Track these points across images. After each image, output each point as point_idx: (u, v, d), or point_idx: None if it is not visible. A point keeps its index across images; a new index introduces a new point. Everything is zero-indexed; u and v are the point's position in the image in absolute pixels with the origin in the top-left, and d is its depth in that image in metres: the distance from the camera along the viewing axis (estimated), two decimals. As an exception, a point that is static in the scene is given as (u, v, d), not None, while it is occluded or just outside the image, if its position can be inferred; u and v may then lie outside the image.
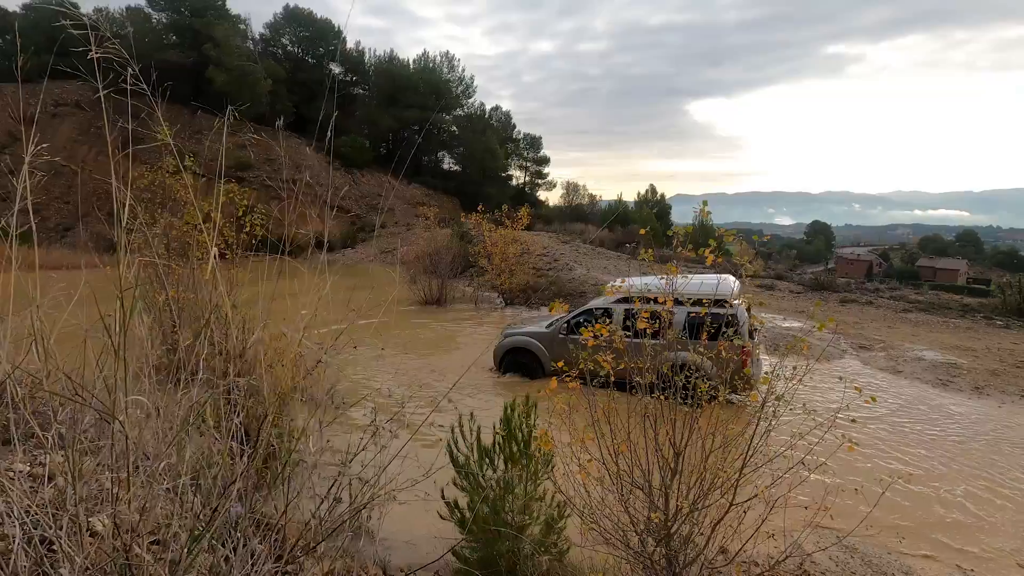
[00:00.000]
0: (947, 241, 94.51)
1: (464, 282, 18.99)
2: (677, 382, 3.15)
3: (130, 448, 1.71)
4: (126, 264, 1.77)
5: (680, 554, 3.29)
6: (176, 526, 1.77)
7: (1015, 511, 5.61)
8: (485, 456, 3.97)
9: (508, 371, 9.82)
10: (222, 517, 1.90)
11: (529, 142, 49.02)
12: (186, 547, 1.72)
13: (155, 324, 5.19)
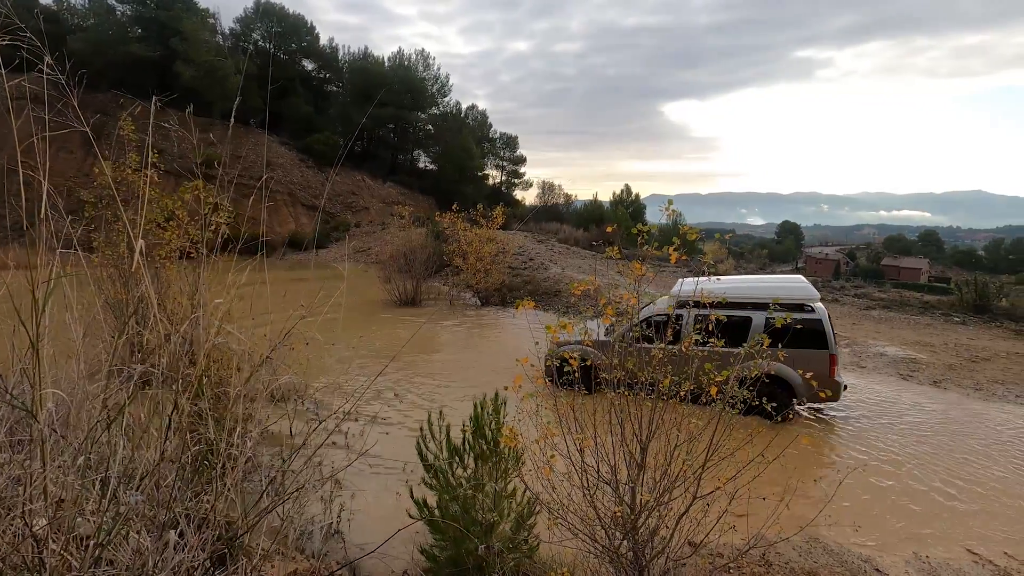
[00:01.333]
0: (910, 241, 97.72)
1: (439, 282, 18.91)
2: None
3: (46, 440, 1.68)
4: (41, 258, 1.74)
5: (646, 547, 3.35)
6: (81, 519, 1.74)
7: (968, 499, 5.84)
8: (455, 454, 3.97)
9: (566, 384, 9.07)
10: (124, 508, 1.86)
11: (505, 141, 49.09)
12: (95, 538, 1.70)
13: (107, 319, 5.05)
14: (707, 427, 3.07)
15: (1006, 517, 5.50)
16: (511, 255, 18.82)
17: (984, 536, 5.15)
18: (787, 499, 3.43)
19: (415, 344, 11.91)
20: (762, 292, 8.10)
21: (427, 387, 8.91)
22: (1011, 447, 7.03)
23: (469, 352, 11.26)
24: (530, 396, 2.88)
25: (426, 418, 3.91)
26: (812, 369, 7.66)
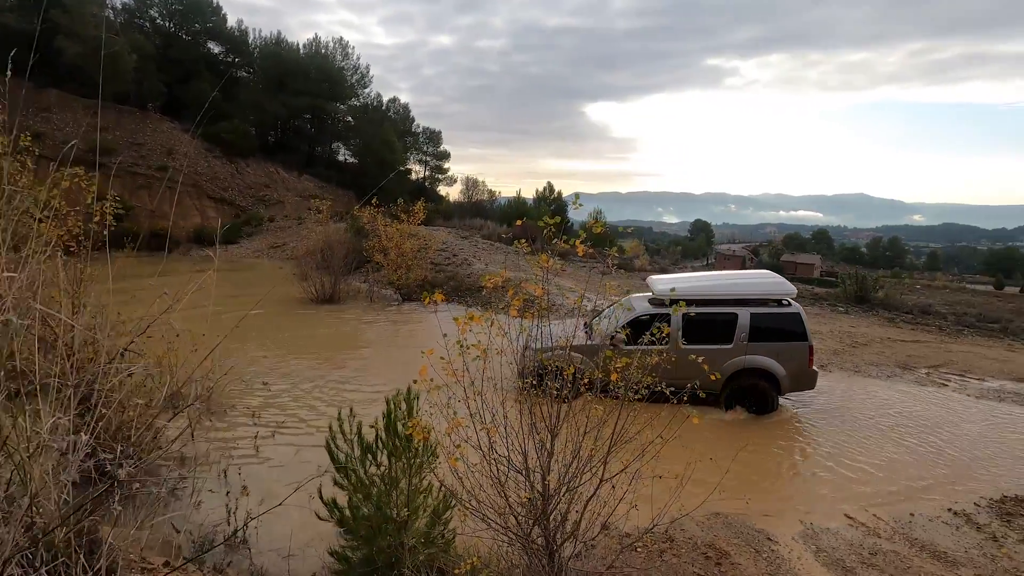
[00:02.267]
0: (805, 239, 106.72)
1: (359, 278, 18.39)
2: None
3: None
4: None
5: (557, 532, 3.45)
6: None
7: (846, 469, 6.50)
8: (368, 452, 3.89)
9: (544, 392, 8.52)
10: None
11: (428, 136, 48.41)
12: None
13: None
14: (610, 414, 3.21)
15: (879, 482, 6.18)
16: (434, 251, 18.62)
17: (860, 501, 5.76)
18: (687, 477, 3.66)
19: (332, 342, 11.52)
20: (743, 289, 8.32)
21: (343, 385, 8.65)
22: (886, 420, 7.89)
23: (388, 349, 11.06)
24: (438, 388, 2.87)
25: (336, 416, 3.80)
26: (793, 360, 7.99)
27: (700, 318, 7.86)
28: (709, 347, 7.85)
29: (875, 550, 4.72)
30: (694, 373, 8.24)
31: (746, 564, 4.38)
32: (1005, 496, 5.89)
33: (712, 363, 8.03)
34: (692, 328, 7.83)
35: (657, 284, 8.58)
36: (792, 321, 8.04)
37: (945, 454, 6.91)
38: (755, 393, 7.98)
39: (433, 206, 34.95)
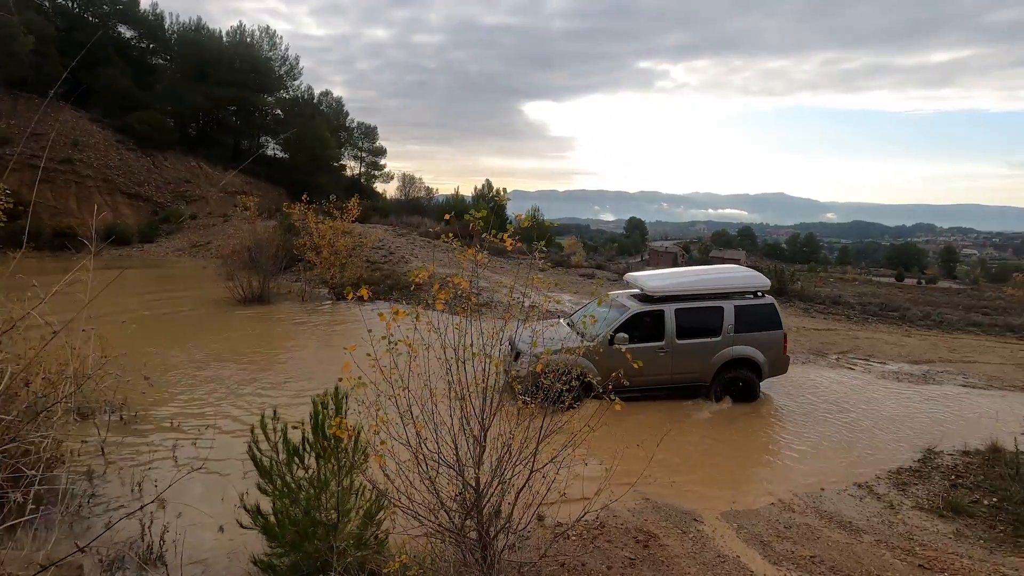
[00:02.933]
0: (732, 236, 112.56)
1: (291, 278, 17.72)
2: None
3: None
4: None
5: (491, 526, 3.47)
6: None
7: (767, 449, 6.92)
8: (294, 455, 3.76)
9: (550, 402, 8.03)
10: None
11: (364, 131, 47.26)
12: None
13: None
14: (536, 406, 3.25)
15: (797, 460, 6.62)
16: (369, 249, 18.21)
17: (778, 479, 6.14)
18: (614, 466, 3.77)
19: (260, 343, 11.03)
20: (726, 283, 8.58)
21: (269, 388, 8.31)
22: (801, 401, 8.45)
23: (320, 349, 10.72)
24: (364, 386, 2.81)
25: (259, 419, 3.64)
26: (772, 349, 8.40)
27: (691, 313, 8.16)
28: (701, 341, 8.17)
29: (789, 524, 5.06)
30: (689, 367, 8.26)
31: (674, 545, 4.57)
32: (901, 468, 6.47)
33: (704, 356, 8.26)
34: (684, 323, 8.11)
35: (649, 281, 8.66)
36: (769, 311, 8.48)
37: (853, 432, 7.50)
38: (742, 383, 8.36)
39: (369, 203, 34.13)
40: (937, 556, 4.45)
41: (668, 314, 8.09)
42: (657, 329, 8.09)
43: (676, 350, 8.07)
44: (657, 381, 8.13)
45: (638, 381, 7.97)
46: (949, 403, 8.79)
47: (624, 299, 8.68)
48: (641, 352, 7.86)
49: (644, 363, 7.93)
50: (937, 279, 52.59)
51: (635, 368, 8.12)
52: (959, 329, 15.07)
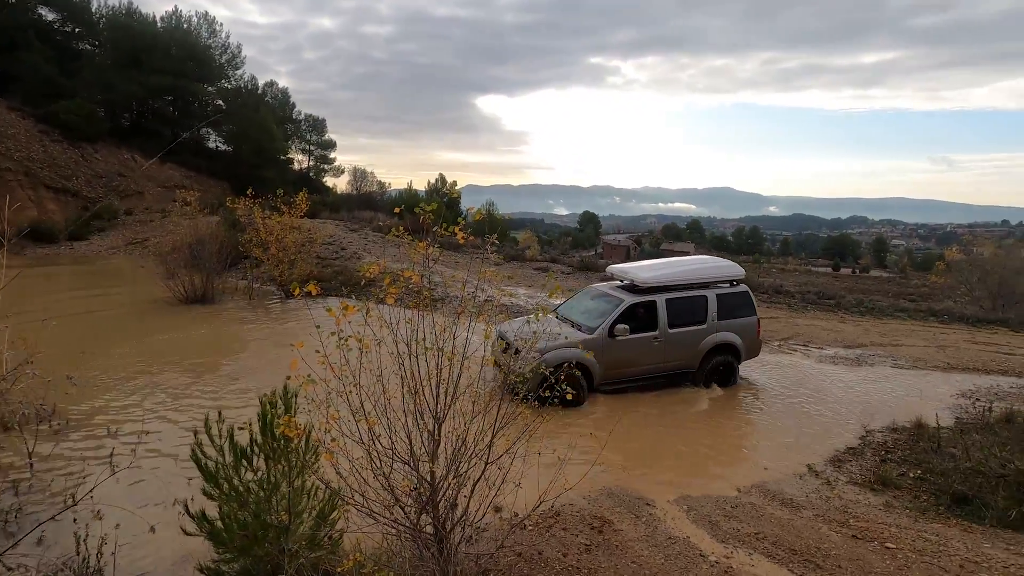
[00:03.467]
0: (681, 229, 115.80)
1: (237, 275, 17.05)
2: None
3: None
4: None
5: (447, 520, 3.47)
6: None
7: (716, 432, 7.19)
8: (242, 457, 3.63)
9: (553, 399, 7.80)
10: None
11: (312, 124, 45.84)
12: None
13: None
14: (491, 398, 3.27)
15: (744, 440, 6.91)
16: (320, 245, 17.74)
17: (727, 461, 6.40)
18: (567, 456, 3.83)
19: (204, 344, 10.59)
20: (707, 273, 8.98)
21: (215, 390, 8.00)
22: (750, 386, 8.82)
23: (268, 349, 10.37)
24: (314, 383, 2.75)
25: (203, 422, 3.50)
26: (749, 334, 8.86)
27: (680, 303, 8.49)
28: (690, 329, 8.51)
29: (735, 504, 5.28)
30: (679, 355, 8.56)
31: (628, 529, 4.69)
32: (837, 446, 6.86)
33: (693, 343, 8.58)
34: (674, 313, 8.41)
35: (639, 272, 8.87)
36: (745, 299, 8.95)
37: (795, 414, 7.89)
38: (724, 367, 8.77)
39: (319, 198, 33.21)
40: (868, 526, 4.75)
41: (660, 304, 8.36)
42: (651, 319, 8.35)
43: (668, 339, 8.40)
44: (651, 370, 8.45)
45: (634, 371, 8.33)
46: (880, 384, 9.37)
47: (611, 291, 8.86)
48: (638, 342, 8.17)
49: (640, 352, 8.25)
50: (869, 268, 55.91)
51: (633, 358, 8.38)
52: (888, 315, 16.07)
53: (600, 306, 8.53)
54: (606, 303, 8.50)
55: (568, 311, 8.90)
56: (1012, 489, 5.07)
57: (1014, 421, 7.12)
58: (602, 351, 7.75)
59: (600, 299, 8.75)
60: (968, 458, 5.86)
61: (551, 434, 3.98)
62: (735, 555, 4.28)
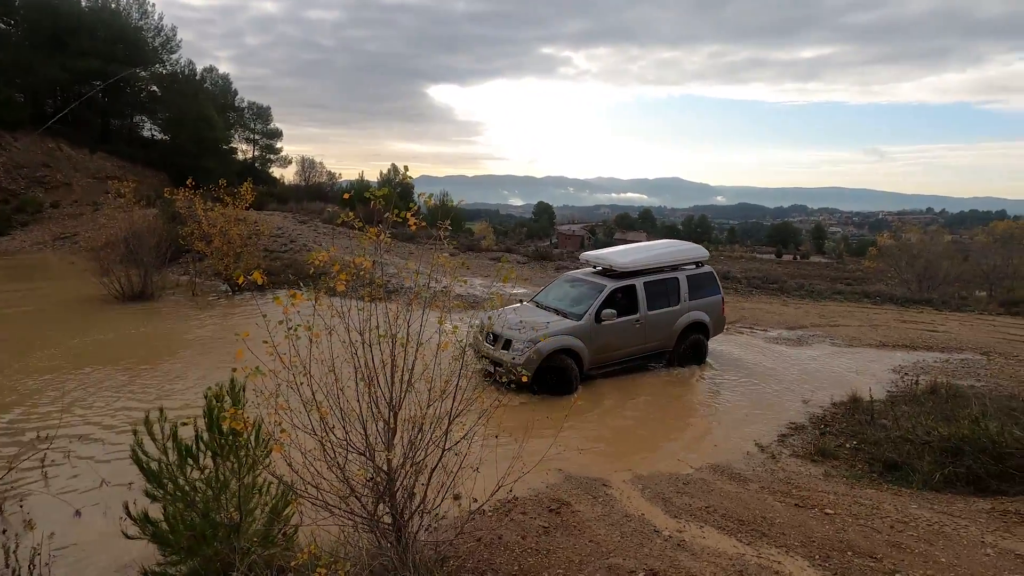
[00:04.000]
0: (634, 218, 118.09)
1: (179, 270, 16.28)
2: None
3: None
4: None
5: (405, 509, 3.44)
6: None
7: (667, 411, 7.41)
8: (187, 455, 3.49)
9: (545, 387, 7.61)
10: None
11: (256, 112, 44.05)
12: None
13: None
14: (450, 380, 3.25)
15: (697, 418, 7.15)
16: (267, 237, 17.13)
17: (680, 439, 6.61)
18: (525, 439, 3.86)
19: (144, 343, 10.07)
20: (677, 256, 9.39)
21: (157, 390, 7.64)
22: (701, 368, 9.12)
23: (215, 346, 9.96)
24: (263, 375, 2.66)
25: (143, 419, 3.33)
26: (715, 312, 9.33)
27: (656, 285, 8.79)
28: (666, 310, 8.82)
29: (687, 481, 5.47)
30: (658, 336, 8.88)
31: (585, 510, 4.79)
32: (781, 422, 7.21)
33: (669, 324, 8.88)
34: (652, 295, 8.69)
35: (617, 258, 9.05)
36: (710, 278, 9.43)
37: (741, 393, 8.23)
38: (696, 345, 9.16)
39: (265, 189, 32.03)
40: (810, 495, 5.02)
41: (639, 288, 8.62)
42: (631, 302, 8.57)
43: (648, 321, 8.68)
44: (633, 352, 8.71)
45: (618, 355, 8.56)
46: (820, 362, 9.88)
47: (589, 277, 9.01)
48: (622, 326, 8.40)
49: (624, 336, 8.49)
50: (809, 255, 58.75)
51: (618, 342, 8.47)
52: (826, 297, 16.95)
53: (581, 293, 8.67)
54: (587, 289, 8.65)
55: (548, 299, 9.00)
56: (936, 454, 5.47)
57: (938, 392, 7.66)
58: (590, 337, 7.96)
59: (579, 286, 8.91)
60: (897, 428, 6.28)
61: (509, 418, 4.03)
62: (687, 528, 4.44)
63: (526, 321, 7.90)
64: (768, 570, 3.80)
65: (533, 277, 17.87)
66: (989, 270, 22.10)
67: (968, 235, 29.26)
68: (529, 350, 7.53)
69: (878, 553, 3.96)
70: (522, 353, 7.54)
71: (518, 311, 8.58)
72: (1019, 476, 4.99)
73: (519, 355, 7.54)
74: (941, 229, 31.61)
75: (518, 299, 10.16)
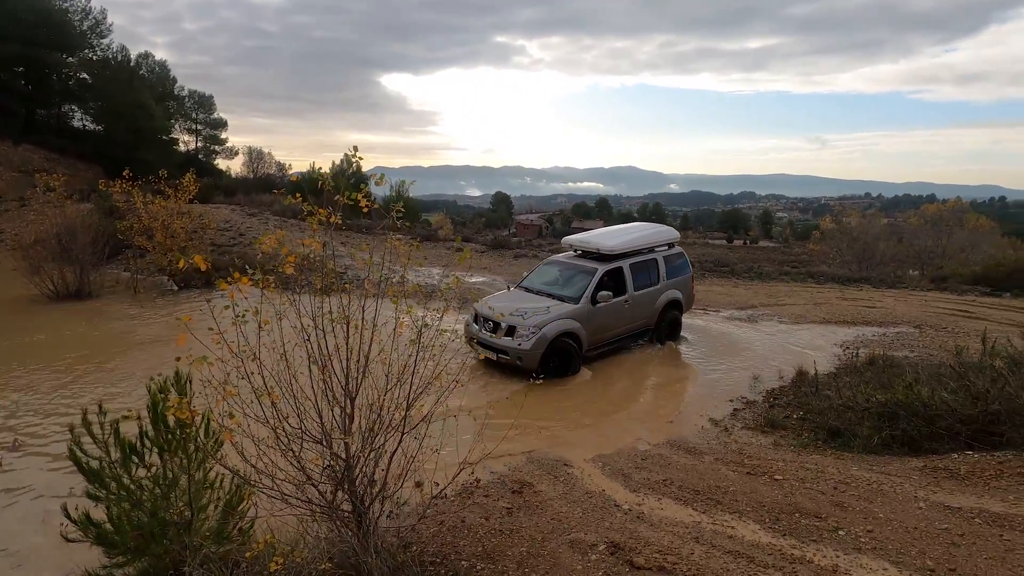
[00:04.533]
0: (591, 207, 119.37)
1: (120, 267, 15.45)
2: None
3: None
4: None
5: (366, 496, 3.39)
6: None
7: (624, 392, 7.57)
8: (131, 453, 3.33)
9: (548, 371, 7.52)
10: None
11: (198, 101, 41.99)
12: None
13: None
14: (408, 362, 3.22)
15: (653, 396, 7.33)
16: (214, 231, 16.47)
17: (643, 418, 6.77)
18: (486, 420, 3.86)
19: (84, 343, 9.53)
20: (654, 237, 9.77)
21: (97, 391, 7.27)
22: (656, 349, 9.34)
23: (159, 344, 9.53)
24: (206, 361, 2.55)
25: (81, 417, 3.15)
26: (686, 288, 9.85)
27: (639, 266, 9.10)
28: (649, 290, 9.15)
29: (645, 456, 5.62)
30: (643, 315, 9.21)
31: (547, 489, 4.85)
32: (733, 396, 7.49)
33: (651, 303, 9.20)
34: (636, 276, 8.99)
35: (604, 240, 9.24)
36: (681, 258, 9.93)
37: (695, 370, 8.49)
38: (673, 322, 9.62)
39: (211, 181, 30.72)
40: (760, 463, 5.24)
41: (626, 269, 8.91)
42: (619, 284, 8.83)
43: (635, 300, 8.98)
44: (622, 332, 8.97)
45: (610, 335, 8.80)
46: (769, 339, 10.29)
47: (575, 261, 9.19)
48: (614, 307, 8.66)
49: (615, 316, 8.72)
50: (758, 239, 60.98)
51: (611, 323, 8.65)
52: (774, 279, 17.65)
53: (571, 276, 8.87)
54: (578, 273, 8.85)
55: (537, 284, 9.13)
56: (874, 420, 5.80)
57: (876, 363, 8.12)
58: (587, 318, 8.18)
59: (568, 270, 9.10)
60: (840, 397, 6.62)
61: (469, 399, 4.04)
62: (646, 501, 4.56)
63: (526, 307, 8.03)
64: (722, 535, 3.96)
65: (492, 266, 17.88)
66: (921, 250, 23.52)
67: (902, 218, 31.01)
68: (535, 335, 7.62)
69: (823, 513, 4.18)
70: (528, 339, 7.63)
71: (509, 297, 8.76)
72: (948, 436, 5.35)
73: (526, 341, 7.63)
74: (877, 213, 33.38)
75: (480, 286, 10.22)
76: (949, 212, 26.73)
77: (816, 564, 3.55)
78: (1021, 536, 3.78)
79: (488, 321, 8.05)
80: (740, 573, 3.45)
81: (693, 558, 3.63)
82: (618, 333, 8.89)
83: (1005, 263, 17.06)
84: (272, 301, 3.04)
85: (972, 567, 3.46)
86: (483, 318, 8.20)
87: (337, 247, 3.94)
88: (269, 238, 3.00)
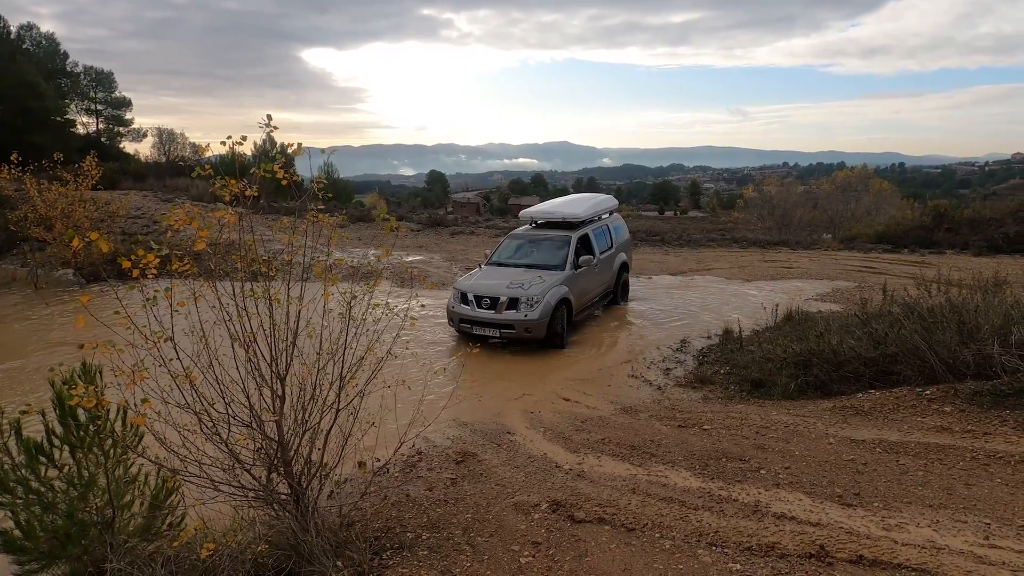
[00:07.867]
0: (526, 183, 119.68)
1: (16, 262, 14.06)
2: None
3: None
4: None
5: (303, 477, 3.32)
6: None
7: (561, 356, 7.74)
8: (38, 453, 3.08)
9: (557, 338, 8.03)
10: None
11: (95, 78, 38.44)
12: None
13: None
14: (340, 336, 3.15)
15: (588, 362, 7.55)
16: (123, 219, 15.30)
17: (581, 382, 6.96)
18: (424, 392, 3.85)
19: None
20: (603, 206, 10.29)
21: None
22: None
23: (64, 345, 8.80)
24: (110, 345, 2.39)
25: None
26: (629, 252, 10.50)
27: (599, 233, 9.48)
28: (608, 254, 9.56)
29: (585, 419, 5.80)
30: (607, 278, 9.75)
31: (490, 458, 4.92)
32: (665, 356, 7.83)
33: (611, 266, 9.67)
34: (598, 242, 9.34)
35: (571, 209, 9.63)
36: (622, 224, 10.83)
37: (629, 334, 8.80)
38: (625, 284, 10.26)
39: (116, 165, 28.39)
40: (691, 416, 5.54)
41: (591, 235, 9.26)
42: (588, 249, 9.12)
43: (602, 264, 9.38)
44: (596, 295, 9.38)
45: (587, 299, 9.10)
46: (698, 300, 10.80)
47: (540, 232, 9.44)
48: (588, 272, 8.95)
49: (590, 281, 9.08)
50: (687, 210, 63.38)
51: (588, 287, 9.01)
52: (702, 246, 18.45)
53: (544, 246, 9.03)
54: (550, 242, 9.02)
55: (508, 258, 9.14)
56: (791, 368, 6.25)
57: (793, 318, 8.70)
58: (573, 283, 8.43)
59: (539, 240, 9.23)
60: (761, 351, 7.07)
61: (405, 371, 4.04)
62: (586, 460, 4.72)
63: (520, 279, 8.11)
64: (657, 484, 4.17)
65: (428, 244, 17.67)
66: (833, 214, 25.23)
67: (816, 185, 33.05)
68: (540, 304, 7.72)
69: (746, 456, 4.49)
70: (534, 308, 7.70)
71: (486, 274, 8.67)
72: (854, 378, 5.85)
73: (532, 311, 7.70)
74: (794, 181, 35.41)
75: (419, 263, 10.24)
76: (856, 178, 28.78)
77: (740, 501, 3.82)
78: (914, 460, 4.22)
79: (483, 299, 7.95)
80: (673, 516, 3.66)
81: (631, 508, 3.81)
82: (593, 296, 9.30)
83: (903, 223, 18.64)
84: (189, 283, 2.88)
85: (873, 489, 3.84)
86: (475, 296, 8.05)
87: (264, 231, 3.76)
88: (176, 211, 2.82)
